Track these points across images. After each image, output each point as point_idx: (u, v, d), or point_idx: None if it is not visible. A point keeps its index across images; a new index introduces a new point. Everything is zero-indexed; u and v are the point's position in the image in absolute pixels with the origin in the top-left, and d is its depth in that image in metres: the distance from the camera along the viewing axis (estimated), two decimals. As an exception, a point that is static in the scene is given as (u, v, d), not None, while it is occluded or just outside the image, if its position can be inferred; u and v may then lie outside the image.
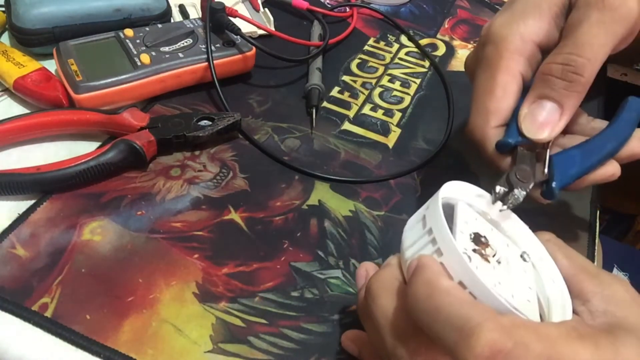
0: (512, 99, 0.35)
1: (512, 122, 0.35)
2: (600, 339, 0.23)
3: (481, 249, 0.28)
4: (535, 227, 0.31)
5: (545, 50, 0.35)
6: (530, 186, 0.32)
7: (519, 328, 0.22)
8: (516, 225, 0.31)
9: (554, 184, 0.33)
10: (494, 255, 0.28)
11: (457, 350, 0.22)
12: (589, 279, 0.27)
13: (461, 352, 0.22)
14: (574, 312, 0.26)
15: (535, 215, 0.44)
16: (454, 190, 0.30)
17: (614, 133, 0.36)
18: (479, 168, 0.48)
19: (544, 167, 0.34)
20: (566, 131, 0.36)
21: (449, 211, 0.29)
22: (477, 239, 0.28)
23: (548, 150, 0.34)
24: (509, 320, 0.23)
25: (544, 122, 0.33)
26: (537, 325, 0.23)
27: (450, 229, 0.27)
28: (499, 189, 0.31)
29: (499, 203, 0.31)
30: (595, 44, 0.32)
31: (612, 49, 0.32)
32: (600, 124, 0.37)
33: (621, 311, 0.25)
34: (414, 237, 0.28)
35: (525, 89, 0.35)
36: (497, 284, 0.26)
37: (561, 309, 0.27)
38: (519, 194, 0.31)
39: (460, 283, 0.25)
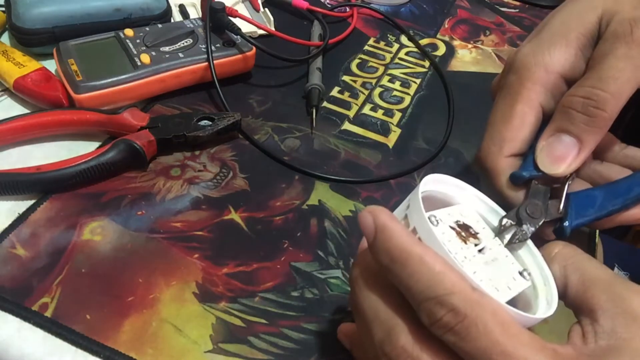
0: (529, 130, 0.33)
1: (529, 154, 0.33)
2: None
3: (462, 232, 0.27)
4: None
5: (570, 81, 0.34)
6: (540, 223, 0.31)
7: (483, 307, 0.23)
8: (528, 246, 0.30)
9: (566, 223, 0.32)
10: (476, 245, 0.27)
11: (422, 314, 0.23)
12: (600, 294, 0.25)
13: (425, 316, 0.23)
14: (582, 330, 0.25)
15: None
16: (458, 190, 0.30)
17: None
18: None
19: (560, 204, 0.32)
20: (599, 158, 0.35)
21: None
22: (465, 227, 0.28)
23: (566, 187, 0.33)
24: (477, 295, 0.23)
25: (561, 156, 0.31)
26: (507, 319, 0.23)
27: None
28: (505, 221, 0.30)
29: (506, 237, 0.30)
30: (620, 79, 0.30)
31: (638, 85, 0.31)
32: (634, 152, 0.36)
33: (628, 332, 0.24)
34: (396, 213, 0.28)
35: (546, 122, 0.34)
36: (462, 257, 0.26)
37: (544, 311, 0.26)
38: (527, 229, 0.30)
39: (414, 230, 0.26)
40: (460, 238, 0.27)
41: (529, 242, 0.30)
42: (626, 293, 0.25)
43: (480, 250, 0.28)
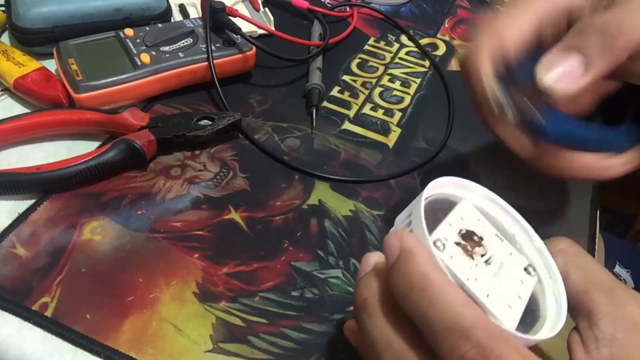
0: (525, 37, 0.32)
1: (521, 67, 0.32)
2: None
3: (467, 245, 0.27)
4: (535, 226, 0.31)
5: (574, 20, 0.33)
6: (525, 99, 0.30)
7: (507, 343, 0.22)
8: (528, 236, 0.30)
9: (544, 122, 0.31)
10: (482, 255, 0.27)
11: (442, 348, 0.22)
12: (601, 297, 0.25)
13: (446, 350, 0.22)
14: (581, 336, 0.25)
15: (536, 214, 0.44)
16: (463, 190, 0.30)
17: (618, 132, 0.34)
18: (479, 168, 0.48)
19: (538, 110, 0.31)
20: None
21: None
22: (469, 236, 0.27)
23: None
24: (500, 331, 0.22)
25: (566, 72, 0.30)
26: (525, 350, 0.22)
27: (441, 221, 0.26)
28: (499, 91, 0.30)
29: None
30: (635, 16, 0.29)
31: None
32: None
33: (629, 339, 0.23)
34: (397, 221, 0.28)
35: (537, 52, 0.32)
36: (472, 280, 0.25)
37: (552, 326, 0.26)
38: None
39: None
40: (467, 254, 0.27)
41: (531, 231, 0.29)
42: (628, 299, 0.24)
43: (487, 261, 0.27)
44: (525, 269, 0.27)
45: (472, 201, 0.30)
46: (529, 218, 0.31)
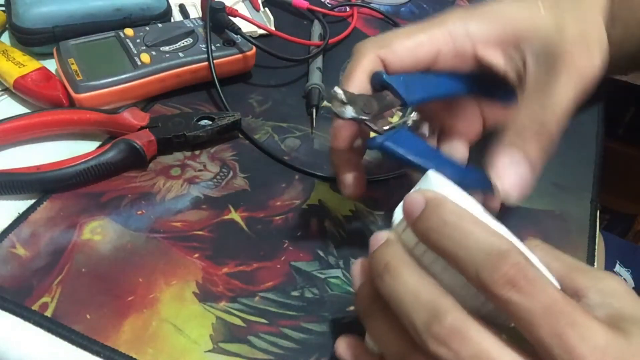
0: (414, 57, 0.35)
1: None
2: (610, 327, 0.23)
3: None
4: (535, 226, 0.31)
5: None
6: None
7: (538, 270, 0.23)
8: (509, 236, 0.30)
9: (379, 139, 0.32)
10: None
11: (482, 271, 0.23)
12: (582, 276, 0.27)
13: (487, 272, 0.23)
14: None
15: (536, 214, 0.44)
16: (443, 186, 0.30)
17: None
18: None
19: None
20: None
21: None
22: None
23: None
24: (533, 259, 0.23)
25: (518, 181, 0.33)
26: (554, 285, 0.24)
27: None
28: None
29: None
30: (563, 102, 0.32)
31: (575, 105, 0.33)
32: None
33: (618, 302, 0.25)
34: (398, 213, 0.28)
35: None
36: None
37: None
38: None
39: None
40: None
41: (507, 232, 0.30)
42: (603, 275, 0.27)
43: None
44: None
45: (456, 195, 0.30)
46: (529, 218, 0.31)
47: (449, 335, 0.23)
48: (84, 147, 0.44)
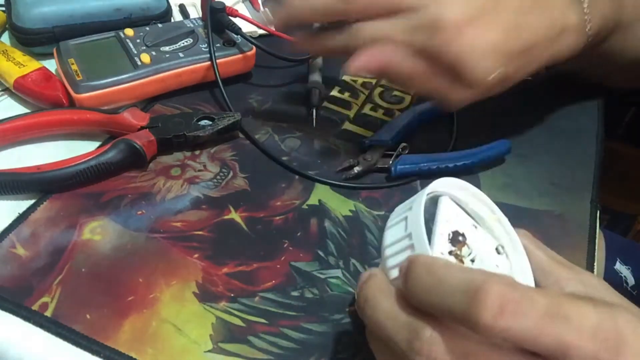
0: None
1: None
2: (597, 303, 0.23)
3: (457, 250, 0.29)
4: (535, 226, 0.31)
5: None
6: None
7: (521, 285, 0.23)
8: (497, 219, 0.31)
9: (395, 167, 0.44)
10: (469, 255, 0.29)
11: (469, 312, 0.22)
12: (563, 268, 0.29)
13: (473, 312, 0.22)
14: None
15: (536, 214, 0.44)
16: (440, 184, 0.31)
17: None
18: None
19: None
20: None
21: (433, 208, 0.30)
22: (455, 238, 0.29)
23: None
24: (509, 279, 0.23)
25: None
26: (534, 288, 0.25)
27: (431, 229, 0.28)
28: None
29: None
30: None
31: None
32: None
33: (598, 293, 0.27)
34: (395, 236, 0.29)
35: None
36: None
37: None
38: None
39: None
40: (458, 260, 0.28)
41: (495, 209, 0.31)
42: (582, 269, 0.29)
43: (473, 260, 0.29)
44: (496, 249, 0.30)
45: (448, 194, 0.31)
46: (529, 218, 0.31)
47: (430, 346, 0.24)
48: (84, 147, 0.44)
